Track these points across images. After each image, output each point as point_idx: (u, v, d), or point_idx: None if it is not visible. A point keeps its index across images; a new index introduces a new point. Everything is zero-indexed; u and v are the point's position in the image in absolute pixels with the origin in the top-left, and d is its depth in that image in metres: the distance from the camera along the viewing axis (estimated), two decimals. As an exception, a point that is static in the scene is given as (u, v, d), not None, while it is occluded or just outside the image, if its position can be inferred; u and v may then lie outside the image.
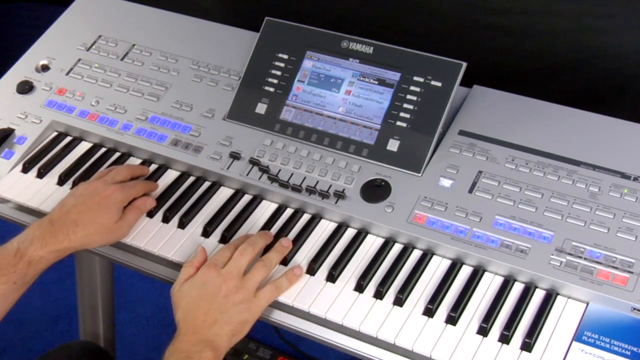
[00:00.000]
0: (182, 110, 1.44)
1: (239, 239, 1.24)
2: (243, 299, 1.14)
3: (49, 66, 1.55)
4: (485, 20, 1.56)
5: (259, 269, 1.18)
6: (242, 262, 1.18)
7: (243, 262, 1.18)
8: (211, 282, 1.15)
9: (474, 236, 1.19)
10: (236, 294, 1.14)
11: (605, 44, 1.49)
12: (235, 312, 1.13)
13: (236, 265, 1.17)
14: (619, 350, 1.06)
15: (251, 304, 1.15)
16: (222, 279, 1.15)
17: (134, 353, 2.25)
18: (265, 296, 1.16)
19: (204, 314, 1.13)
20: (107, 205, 1.25)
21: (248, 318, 1.14)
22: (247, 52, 1.44)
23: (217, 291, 1.14)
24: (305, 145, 1.35)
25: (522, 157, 1.26)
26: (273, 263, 1.20)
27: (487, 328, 1.11)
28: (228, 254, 1.19)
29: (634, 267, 1.12)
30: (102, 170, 1.37)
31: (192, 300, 1.15)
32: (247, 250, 1.19)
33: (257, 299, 1.16)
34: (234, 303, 1.14)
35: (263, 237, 1.23)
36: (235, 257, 1.18)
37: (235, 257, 1.18)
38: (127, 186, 1.30)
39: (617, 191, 1.20)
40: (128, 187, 1.30)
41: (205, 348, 1.10)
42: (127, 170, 1.35)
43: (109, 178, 1.31)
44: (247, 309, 1.14)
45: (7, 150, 1.44)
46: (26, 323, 2.33)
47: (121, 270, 1.56)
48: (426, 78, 1.31)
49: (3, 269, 1.18)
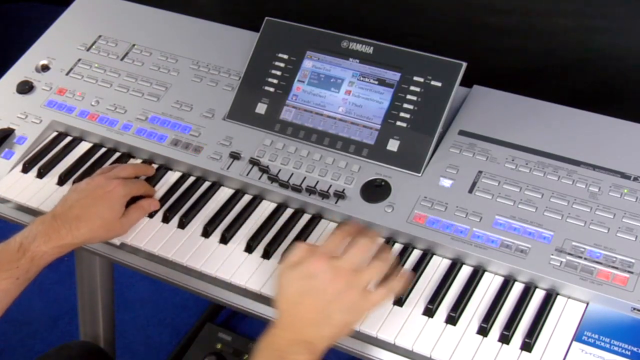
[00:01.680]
0: (182, 110, 1.44)
1: (350, 225, 1.14)
2: (352, 299, 1.05)
3: (49, 66, 1.55)
4: (485, 20, 1.56)
5: (376, 268, 1.08)
6: (356, 257, 1.07)
7: (357, 257, 1.07)
8: (320, 276, 1.05)
9: (474, 236, 1.19)
10: (345, 294, 1.04)
11: (605, 44, 1.49)
12: (339, 315, 1.05)
13: (350, 259, 1.07)
14: (619, 350, 1.06)
15: (359, 307, 1.06)
16: (332, 273, 1.05)
17: (134, 353, 2.25)
18: (375, 299, 1.07)
19: (307, 312, 1.04)
20: (110, 200, 1.25)
21: (353, 320, 1.07)
22: (247, 52, 1.44)
23: (325, 288, 1.04)
24: (305, 145, 1.35)
25: (522, 157, 1.26)
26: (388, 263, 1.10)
27: (487, 328, 1.11)
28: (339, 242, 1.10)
29: (634, 267, 1.12)
30: (105, 167, 1.37)
31: (297, 292, 1.06)
32: (363, 244, 1.09)
33: (366, 301, 1.06)
34: (340, 306, 1.04)
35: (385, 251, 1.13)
36: (351, 250, 1.08)
37: (351, 250, 1.08)
38: (129, 182, 1.29)
39: (617, 191, 1.20)
40: (130, 183, 1.29)
41: (302, 350, 1.02)
42: (132, 168, 1.35)
43: (111, 174, 1.30)
44: (354, 311, 1.06)
45: (7, 150, 1.44)
46: (26, 323, 2.34)
47: (121, 270, 1.56)
48: (426, 78, 1.31)
49: (6, 265, 1.17)
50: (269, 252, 1.24)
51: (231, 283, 1.22)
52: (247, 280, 1.21)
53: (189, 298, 2.35)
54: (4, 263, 1.17)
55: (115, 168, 1.33)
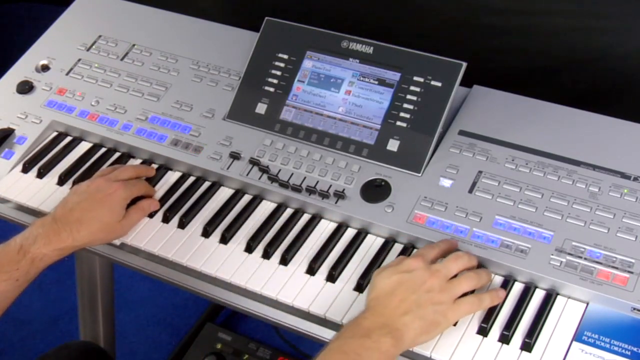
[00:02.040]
0: (182, 110, 1.44)
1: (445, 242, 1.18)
2: (443, 301, 1.07)
3: (49, 66, 1.55)
4: (485, 20, 1.55)
5: (468, 279, 1.11)
6: (453, 267, 1.11)
7: (454, 267, 1.11)
8: (417, 273, 1.08)
9: (474, 236, 1.19)
10: (437, 294, 1.07)
11: (605, 44, 1.49)
12: (431, 311, 1.06)
13: (446, 266, 1.11)
14: (619, 350, 1.06)
15: (449, 309, 1.07)
16: (429, 273, 1.09)
17: (134, 353, 2.25)
18: (465, 306, 1.09)
19: (400, 301, 1.06)
20: (111, 203, 1.25)
21: (441, 321, 1.07)
22: (247, 52, 1.44)
23: (421, 283, 1.07)
24: (305, 145, 1.35)
25: (522, 157, 1.26)
26: (483, 283, 1.13)
27: (487, 328, 1.11)
28: (435, 252, 1.14)
29: (634, 267, 1.12)
30: (106, 168, 1.37)
31: (392, 283, 1.08)
32: (463, 259, 1.13)
33: (456, 305, 1.08)
34: (433, 302, 1.06)
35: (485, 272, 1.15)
36: (447, 260, 1.12)
37: (447, 260, 1.12)
38: (130, 184, 1.29)
39: (617, 191, 1.20)
40: (130, 185, 1.29)
41: (388, 334, 1.03)
42: (133, 170, 1.35)
43: (112, 176, 1.30)
44: (443, 313, 1.07)
45: (7, 150, 1.44)
46: (26, 323, 2.34)
47: (121, 270, 1.56)
48: (426, 78, 1.31)
49: (5, 266, 1.17)
50: (269, 252, 1.24)
51: (231, 283, 1.22)
52: (247, 280, 1.21)
53: (189, 298, 2.35)
54: (4, 264, 1.17)
55: (115, 170, 1.33)
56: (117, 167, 1.35)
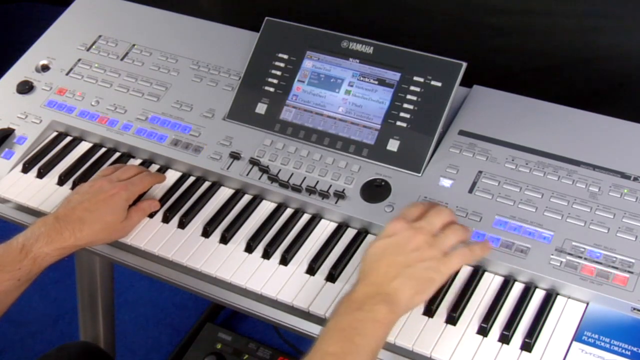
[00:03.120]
0: (182, 110, 1.44)
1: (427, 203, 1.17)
2: (432, 256, 1.05)
3: (49, 66, 1.55)
4: (485, 20, 1.55)
5: (455, 231, 1.09)
6: (437, 221, 1.09)
7: (437, 221, 1.09)
8: (400, 234, 1.07)
9: (474, 236, 1.19)
10: (425, 251, 1.05)
11: (605, 44, 1.49)
12: (422, 268, 1.04)
13: (429, 222, 1.09)
14: (619, 350, 1.06)
15: (440, 263, 1.05)
16: (413, 232, 1.07)
17: (134, 353, 2.25)
18: (457, 258, 1.07)
19: (387, 266, 1.04)
20: (113, 204, 1.25)
21: (435, 277, 1.05)
22: (247, 52, 1.44)
23: (405, 243, 1.06)
24: (305, 145, 1.35)
25: (522, 157, 1.26)
26: (469, 235, 1.12)
27: (487, 328, 1.11)
28: (419, 210, 1.12)
29: (634, 267, 1.12)
30: (107, 168, 1.36)
31: (377, 251, 1.07)
32: (445, 213, 1.11)
33: (447, 258, 1.06)
34: (421, 258, 1.05)
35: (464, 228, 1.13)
36: (430, 215, 1.10)
37: (430, 215, 1.10)
38: (132, 184, 1.29)
39: (617, 191, 1.20)
40: (132, 185, 1.29)
41: (380, 302, 1.01)
42: (135, 169, 1.34)
43: (114, 176, 1.30)
44: (435, 268, 1.05)
45: (7, 150, 1.44)
46: (26, 323, 2.34)
47: (121, 270, 1.56)
48: (426, 78, 1.31)
49: (8, 266, 1.17)
50: (269, 252, 1.24)
51: (231, 283, 1.22)
52: (247, 280, 1.21)
53: (189, 298, 2.35)
54: (7, 264, 1.17)
55: (117, 170, 1.33)
56: (119, 166, 1.35)
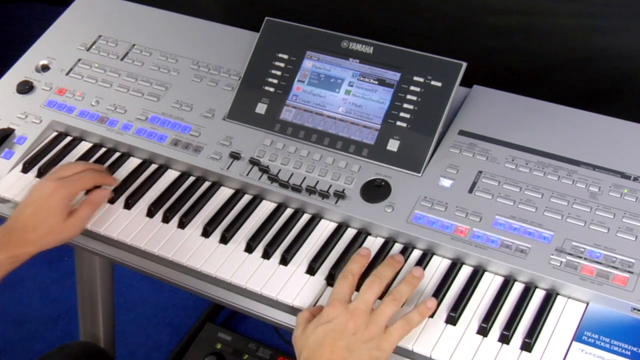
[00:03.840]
0: (182, 110, 1.44)
1: (354, 262, 1.16)
2: (373, 336, 1.06)
3: (49, 66, 1.55)
4: (485, 20, 1.55)
5: (389, 303, 1.10)
6: (370, 297, 1.10)
7: (371, 297, 1.10)
8: (338, 319, 1.07)
9: (474, 236, 1.19)
10: (365, 330, 1.06)
11: (605, 44, 1.49)
12: (365, 350, 1.05)
13: (364, 300, 1.09)
14: (619, 350, 1.06)
15: (382, 341, 1.06)
16: (349, 314, 1.07)
17: (134, 353, 2.25)
18: (396, 332, 1.08)
19: (330, 352, 1.05)
20: (50, 205, 1.23)
21: (379, 355, 1.06)
22: (247, 52, 1.44)
23: (345, 328, 1.06)
24: (305, 145, 1.35)
25: (522, 157, 1.26)
26: (404, 297, 1.12)
27: (487, 328, 1.11)
28: (348, 285, 1.12)
29: (634, 267, 1.12)
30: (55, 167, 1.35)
31: (317, 338, 1.06)
32: (375, 283, 1.11)
33: (387, 335, 1.07)
34: (363, 340, 1.06)
35: (391, 266, 1.15)
36: (362, 292, 1.10)
37: (362, 292, 1.10)
38: (69, 181, 1.27)
39: (617, 191, 1.20)
40: (70, 182, 1.26)
41: None
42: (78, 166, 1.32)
43: (53, 176, 1.28)
44: (377, 346, 1.06)
45: (7, 150, 1.44)
46: (26, 323, 2.34)
47: (121, 270, 1.56)
48: (426, 78, 1.31)
49: None
50: (269, 252, 1.24)
51: (231, 283, 1.22)
52: (247, 280, 1.21)
53: (189, 298, 2.35)
54: None
55: (60, 169, 1.30)
56: (64, 165, 1.33)
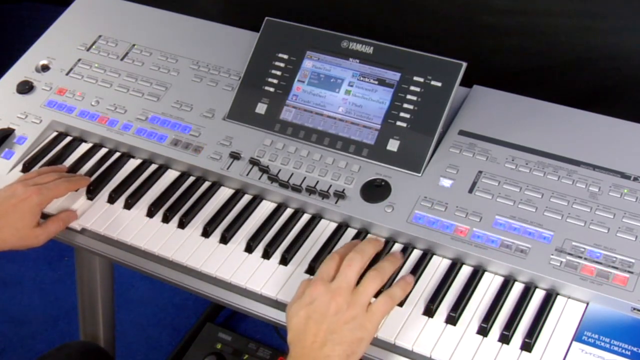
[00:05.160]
0: (182, 110, 1.44)
1: (344, 247, 1.16)
2: (355, 316, 1.05)
3: (49, 66, 1.55)
4: (485, 20, 1.55)
5: (371, 280, 1.09)
6: (351, 274, 1.09)
7: (352, 274, 1.09)
8: (319, 300, 1.06)
9: (474, 236, 1.19)
10: (347, 310, 1.05)
11: (605, 44, 1.49)
12: (347, 331, 1.04)
13: (345, 278, 1.08)
14: (619, 350, 1.06)
15: (364, 320, 1.06)
16: (330, 294, 1.06)
17: (134, 353, 2.25)
18: (379, 309, 1.08)
19: (313, 335, 1.04)
20: (22, 209, 1.23)
21: (363, 336, 1.05)
22: (247, 52, 1.44)
23: (326, 309, 1.05)
24: (305, 145, 1.35)
25: (522, 157, 1.26)
26: (387, 273, 1.12)
27: (487, 328, 1.11)
28: (333, 264, 1.11)
29: (634, 267, 1.12)
30: (29, 172, 1.35)
31: (300, 320, 1.07)
32: (356, 260, 1.10)
33: (370, 314, 1.07)
34: (345, 321, 1.05)
35: (373, 244, 1.16)
36: (343, 270, 1.09)
37: (343, 270, 1.09)
38: (46, 188, 1.27)
39: (617, 191, 1.20)
40: (46, 189, 1.27)
41: None
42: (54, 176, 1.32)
43: (30, 181, 1.28)
44: (361, 326, 1.05)
45: (7, 150, 1.44)
46: (26, 323, 2.34)
47: (121, 270, 1.56)
48: (426, 78, 1.31)
49: None
50: (269, 252, 1.24)
51: (231, 283, 1.22)
52: (247, 281, 1.21)
53: (189, 298, 2.35)
54: None
55: (38, 175, 1.31)
56: (41, 170, 1.34)
